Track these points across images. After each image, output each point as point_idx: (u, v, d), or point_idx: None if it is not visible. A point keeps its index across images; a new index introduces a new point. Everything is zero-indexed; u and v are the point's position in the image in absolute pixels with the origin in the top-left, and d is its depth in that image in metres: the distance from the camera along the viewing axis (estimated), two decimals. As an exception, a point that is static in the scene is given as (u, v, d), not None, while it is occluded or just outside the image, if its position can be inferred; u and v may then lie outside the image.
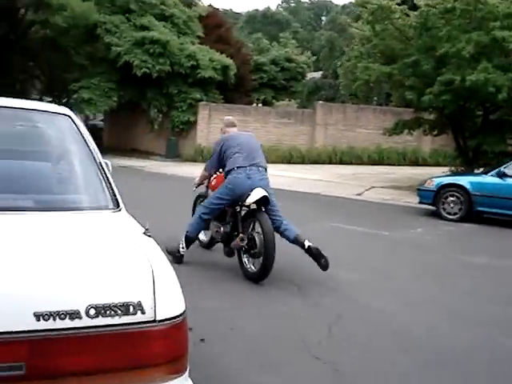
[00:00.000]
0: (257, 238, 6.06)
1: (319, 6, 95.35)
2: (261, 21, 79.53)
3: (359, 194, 15.23)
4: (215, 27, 28.67)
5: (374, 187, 16.58)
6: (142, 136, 25.58)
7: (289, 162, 22.69)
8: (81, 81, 23.10)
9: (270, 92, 34.05)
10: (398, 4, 14.83)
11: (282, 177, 18.10)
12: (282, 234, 6.38)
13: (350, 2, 55.37)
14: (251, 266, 6.21)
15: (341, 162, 23.30)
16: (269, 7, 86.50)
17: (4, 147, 3.28)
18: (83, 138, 3.17)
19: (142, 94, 23.29)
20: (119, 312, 1.91)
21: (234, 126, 7.31)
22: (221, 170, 6.80)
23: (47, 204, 2.70)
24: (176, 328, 2.02)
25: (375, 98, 30.73)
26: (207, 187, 7.28)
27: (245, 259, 6.27)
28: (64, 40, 26.78)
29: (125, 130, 25.91)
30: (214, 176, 7.05)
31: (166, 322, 1.98)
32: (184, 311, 2.07)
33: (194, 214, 6.80)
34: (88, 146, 3.13)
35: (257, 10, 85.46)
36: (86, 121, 27.75)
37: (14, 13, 24.58)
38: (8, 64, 28.05)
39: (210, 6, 31.64)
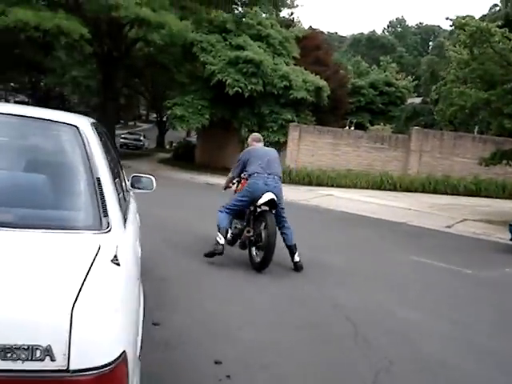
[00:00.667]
0: (263, 234, 7.28)
1: (426, 31, 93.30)
2: (365, 44, 78.80)
3: (448, 227, 14.27)
4: (314, 49, 28.50)
5: (466, 220, 15.56)
6: (232, 155, 25.46)
7: (379, 188, 21.92)
8: (176, 98, 23.52)
9: (366, 116, 33.44)
10: (499, 26, 13.90)
11: (367, 203, 17.45)
12: (282, 235, 7.62)
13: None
14: (258, 257, 7.38)
15: (434, 192, 22.18)
16: (374, 31, 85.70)
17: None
18: (85, 150, 2.89)
19: (234, 112, 23.35)
20: (22, 356, 1.56)
21: (260, 141, 8.36)
22: (242, 174, 7.87)
23: (22, 219, 2.43)
24: (102, 381, 1.64)
25: (476, 126, 29.30)
26: (235, 192, 8.17)
27: (253, 251, 7.52)
28: (165, 58, 27.57)
29: (216, 148, 26.06)
30: (241, 182, 8.04)
31: (84, 373, 1.60)
32: (119, 358, 1.69)
33: (221, 212, 7.76)
34: (88, 160, 2.84)
35: (362, 33, 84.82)
36: (186, 137, 28.30)
37: (118, 30, 25.43)
38: (112, 79, 29.09)
39: (310, 27, 31.50)
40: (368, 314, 5.83)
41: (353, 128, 31.17)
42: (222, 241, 7.48)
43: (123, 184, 4.22)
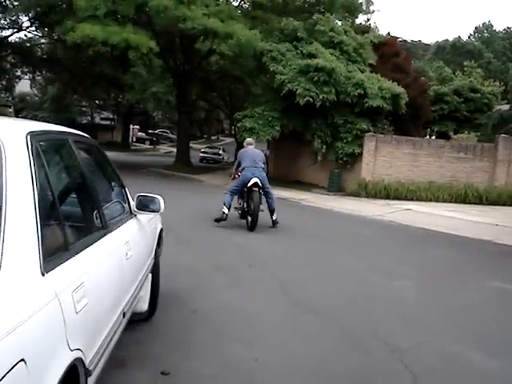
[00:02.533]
0: (251, 206, 11.07)
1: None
2: (450, 52, 75.83)
3: (543, 245, 12.67)
4: (392, 55, 27.12)
5: None
6: (305, 167, 24.62)
7: (463, 202, 20.26)
8: (246, 110, 22.88)
9: (451, 124, 31.56)
10: None
11: (449, 218, 15.95)
12: (267, 202, 11.48)
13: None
14: (248, 222, 11.25)
15: (526, 205, 20.31)
16: (459, 37, 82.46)
17: None
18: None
19: (306, 123, 22.35)
20: None
21: (251, 144, 12.33)
22: (236, 169, 11.90)
23: None
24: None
25: None
26: (232, 179, 12.16)
27: (248, 218, 11.24)
28: (237, 70, 27.09)
29: (289, 160, 25.11)
30: (235, 174, 11.95)
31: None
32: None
33: (226, 194, 11.63)
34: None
35: (447, 40, 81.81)
36: (267, 149, 27.60)
37: (190, 43, 25.11)
38: (186, 93, 28.92)
39: (388, 34, 30.15)
40: (436, 363, 4.69)
41: (434, 137, 29.45)
42: (226, 211, 11.38)
43: (102, 209, 3.38)
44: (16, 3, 24.42)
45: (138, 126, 65.51)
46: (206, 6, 21.81)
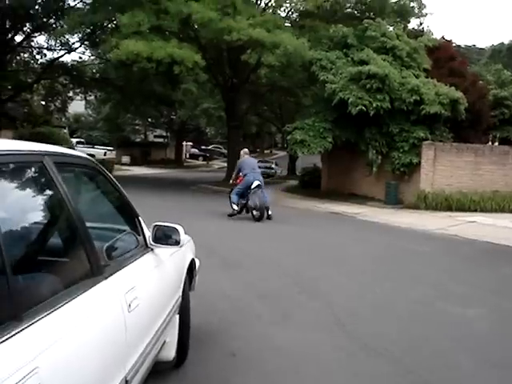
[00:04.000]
0: (257, 203, 14.48)
1: None
2: (507, 55, 73.16)
3: None
4: (447, 60, 25.88)
5: None
6: (360, 179, 23.55)
7: (532, 212, 18.89)
8: (296, 122, 22.11)
9: (512, 129, 29.89)
10: None
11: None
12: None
13: None
14: (256, 215, 14.62)
15: None
16: (516, 39, 79.49)
17: None
18: None
19: (360, 133, 21.35)
20: None
21: (248, 154, 16.12)
22: (240, 174, 15.23)
23: None
24: None
25: None
26: (235, 184, 15.39)
27: (254, 212, 14.68)
28: (286, 81, 26.44)
29: (343, 172, 24.10)
30: (236, 179, 15.54)
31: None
32: None
33: (232, 193, 14.97)
34: None
35: (502, 43, 79.06)
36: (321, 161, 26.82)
37: (237, 56, 24.54)
38: (234, 107, 28.44)
39: (442, 38, 28.85)
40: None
41: (497, 143, 27.91)
42: (236, 208, 14.92)
43: (90, 248, 2.66)
44: (63, 24, 24.40)
45: (190, 143, 65.71)
46: (251, 16, 21.24)
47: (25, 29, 30.39)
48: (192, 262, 4.79)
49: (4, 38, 28.38)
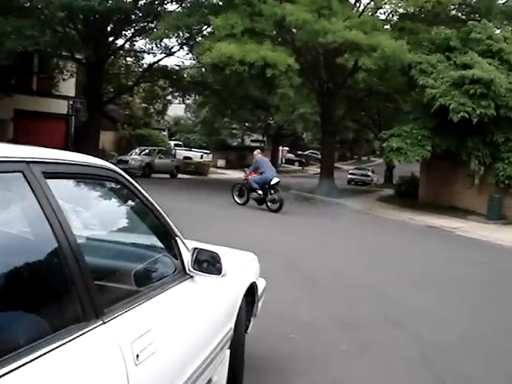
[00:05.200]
0: (276, 197, 16.75)
1: None
2: None
3: None
4: None
5: None
6: (460, 191, 22.03)
7: None
8: (392, 128, 21.05)
9: None
10: None
11: None
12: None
13: None
14: (275, 207, 16.68)
15: None
16: None
17: None
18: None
19: (461, 142, 19.96)
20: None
21: (261, 154, 18.17)
22: (254, 170, 17.36)
23: None
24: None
25: None
26: (246, 179, 17.41)
27: (269, 204, 16.79)
28: (384, 86, 25.43)
29: (442, 183, 22.66)
30: (250, 173, 17.36)
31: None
32: None
33: (251, 182, 16.99)
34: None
35: None
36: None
37: (333, 60, 23.76)
38: (330, 113, 27.73)
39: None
40: None
41: None
42: (260, 192, 16.85)
43: (87, 287, 2.05)
44: (159, 28, 24.58)
45: (287, 148, 65.34)
46: (347, 18, 20.42)
47: (125, 33, 31.01)
48: (253, 286, 4.15)
49: (106, 42, 29.04)
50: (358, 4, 25.69)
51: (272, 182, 16.63)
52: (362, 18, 21.56)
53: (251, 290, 4.10)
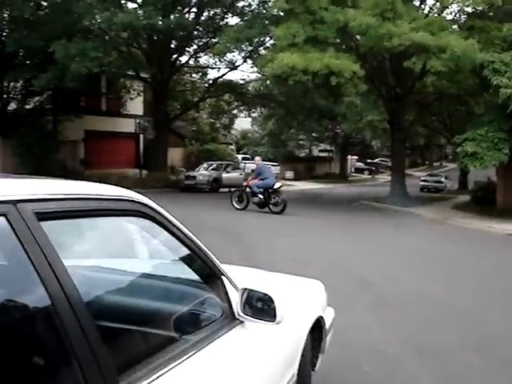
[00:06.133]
0: (279, 200, 18.36)
1: None
2: None
3: None
4: None
5: None
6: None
7: None
8: (466, 132, 20.07)
9: None
10: None
11: None
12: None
13: None
14: (278, 209, 18.21)
15: None
16: None
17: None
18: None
19: (542, 144, 18.82)
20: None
21: (261, 160, 20.24)
22: (256, 177, 18.80)
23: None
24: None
25: None
26: (247, 185, 18.94)
27: (271, 207, 18.28)
28: (455, 88, 24.50)
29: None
30: (250, 179, 19.10)
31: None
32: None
33: (253, 187, 18.29)
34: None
35: None
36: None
37: (400, 64, 23.02)
38: (398, 118, 26.94)
39: None
40: None
41: None
42: (261, 196, 18.20)
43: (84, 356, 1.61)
44: (220, 42, 24.52)
45: (355, 157, 64.42)
46: (413, 19, 19.64)
47: (189, 49, 31.26)
48: (319, 320, 3.65)
49: (170, 59, 29.30)
50: (423, 5, 24.83)
51: (275, 187, 18.23)
52: (428, 19, 20.68)
53: (318, 325, 3.62)
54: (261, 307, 2.50)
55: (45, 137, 26.87)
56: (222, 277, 2.52)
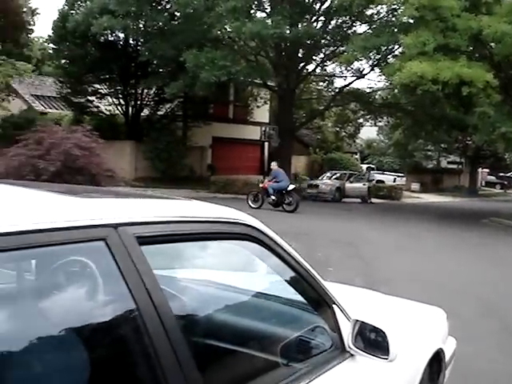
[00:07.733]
0: (291, 200, 20.66)
1: None
2: None
3: None
4: None
5: None
6: None
7: None
8: None
9: None
10: None
11: None
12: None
13: None
14: (291, 207, 20.54)
15: None
16: None
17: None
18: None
19: None
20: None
21: (277, 166, 21.94)
22: (272, 179, 21.30)
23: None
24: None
25: None
26: (263, 187, 21.19)
27: (285, 206, 20.64)
28: None
29: None
30: (266, 181, 21.61)
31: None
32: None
33: (269, 188, 20.73)
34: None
35: None
36: None
37: None
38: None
39: None
40: None
41: None
42: (274, 197, 20.47)
43: None
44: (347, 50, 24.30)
45: (486, 170, 61.44)
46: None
47: (316, 58, 31.28)
48: (438, 353, 3.37)
49: (296, 68, 29.49)
50: None
51: (289, 188, 20.71)
52: None
53: (437, 357, 3.36)
54: (373, 339, 2.34)
55: (174, 142, 28.05)
56: (333, 305, 2.43)
